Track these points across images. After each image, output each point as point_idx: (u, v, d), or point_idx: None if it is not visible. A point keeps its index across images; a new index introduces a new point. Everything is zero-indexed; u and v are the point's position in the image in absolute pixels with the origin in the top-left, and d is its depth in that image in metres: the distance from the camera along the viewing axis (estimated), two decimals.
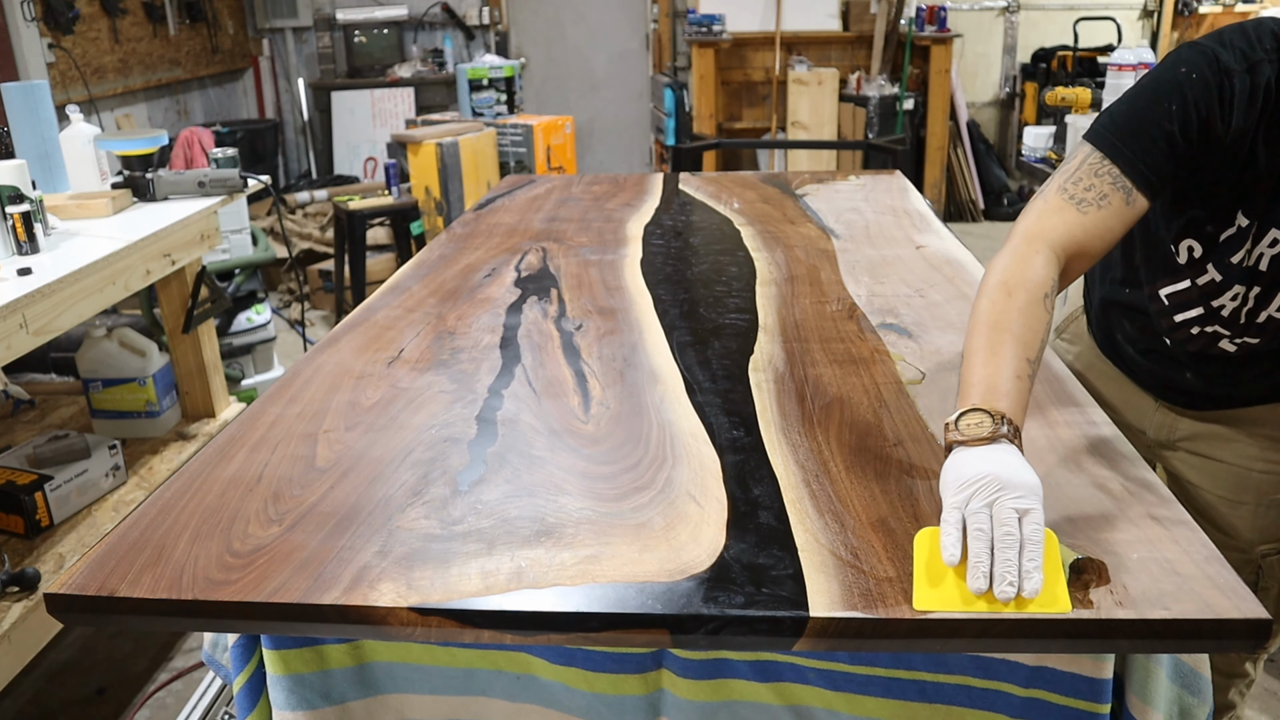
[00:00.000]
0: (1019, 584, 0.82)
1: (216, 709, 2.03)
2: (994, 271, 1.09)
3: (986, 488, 0.86)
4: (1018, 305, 1.04)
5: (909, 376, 1.32)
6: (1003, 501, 0.85)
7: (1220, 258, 1.20)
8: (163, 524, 0.99)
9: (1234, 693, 1.51)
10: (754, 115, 6.45)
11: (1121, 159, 1.11)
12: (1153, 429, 1.46)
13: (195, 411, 2.74)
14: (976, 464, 0.88)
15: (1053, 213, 1.12)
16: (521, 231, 2.16)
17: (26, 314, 1.73)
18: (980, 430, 0.92)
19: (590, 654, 1.06)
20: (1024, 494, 0.85)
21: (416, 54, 6.81)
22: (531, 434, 1.17)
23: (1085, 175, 1.12)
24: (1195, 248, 1.22)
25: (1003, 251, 1.12)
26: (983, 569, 0.83)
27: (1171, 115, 1.09)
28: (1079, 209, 1.11)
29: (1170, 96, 1.09)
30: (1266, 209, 1.13)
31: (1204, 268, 1.22)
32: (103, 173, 2.46)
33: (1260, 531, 1.37)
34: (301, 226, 5.21)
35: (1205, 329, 1.28)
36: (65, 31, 4.61)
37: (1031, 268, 1.07)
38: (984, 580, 0.83)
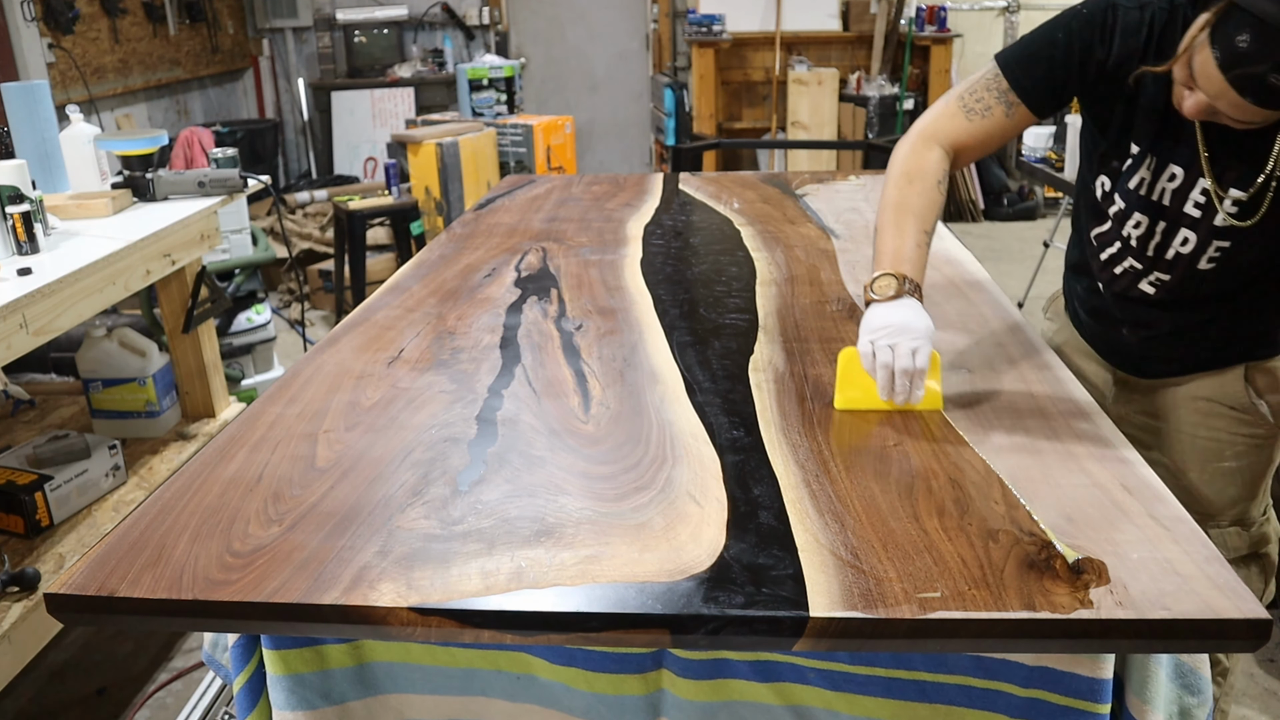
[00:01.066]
0: (910, 396, 1.20)
1: (216, 709, 2.03)
2: (896, 164, 1.36)
3: (892, 332, 1.19)
4: (916, 190, 1.32)
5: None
6: (902, 343, 1.18)
7: (1122, 185, 1.37)
8: (163, 524, 0.99)
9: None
10: (754, 115, 6.45)
11: (1010, 76, 1.33)
12: (1112, 398, 1.57)
13: (195, 411, 2.74)
14: (886, 315, 1.21)
15: (947, 118, 1.37)
16: (521, 231, 2.16)
17: (26, 314, 1.73)
18: (888, 290, 1.24)
19: (590, 654, 1.06)
20: (918, 336, 1.19)
21: (416, 54, 6.81)
22: (531, 434, 1.17)
23: (979, 89, 1.36)
24: (1105, 182, 1.40)
25: (903, 145, 1.38)
26: (887, 387, 1.20)
27: (1057, 42, 1.30)
28: (967, 117, 1.36)
29: (1061, 27, 1.31)
30: (1155, 140, 1.31)
31: (1113, 198, 1.40)
32: (103, 173, 2.46)
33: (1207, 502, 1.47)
34: (301, 226, 5.22)
35: (1124, 264, 1.43)
36: (65, 31, 4.61)
37: (926, 161, 1.35)
38: (888, 394, 1.20)
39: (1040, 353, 1.40)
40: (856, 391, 1.23)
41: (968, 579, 0.87)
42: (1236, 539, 1.49)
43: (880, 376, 1.20)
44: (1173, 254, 1.35)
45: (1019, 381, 1.30)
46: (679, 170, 4.21)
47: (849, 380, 1.23)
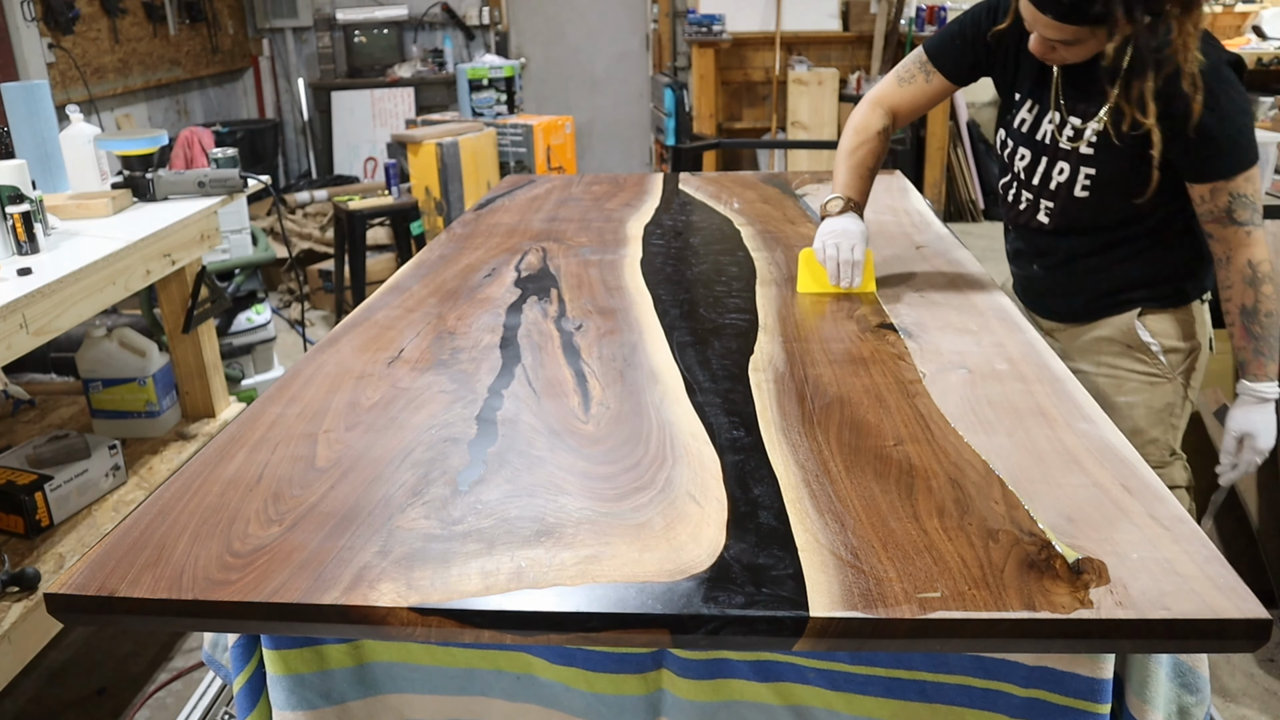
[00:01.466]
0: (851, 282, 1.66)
1: (216, 709, 2.03)
2: (850, 121, 1.81)
3: (837, 235, 1.67)
4: (859, 140, 1.77)
5: (909, 377, 1.32)
6: (844, 243, 1.66)
7: (1013, 130, 1.70)
8: (163, 524, 0.99)
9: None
10: (754, 115, 6.45)
11: (929, 53, 1.75)
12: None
13: (195, 411, 2.74)
14: (833, 224, 1.69)
15: (887, 86, 1.79)
16: (521, 231, 2.16)
17: (26, 314, 1.73)
18: (836, 207, 1.71)
19: (590, 654, 1.06)
20: (855, 238, 1.66)
21: (416, 54, 6.81)
22: (531, 434, 1.17)
23: (910, 64, 1.77)
24: (1003, 134, 1.73)
25: (859, 109, 1.80)
26: (834, 274, 1.66)
27: (963, 21, 1.70)
28: (899, 85, 1.78)
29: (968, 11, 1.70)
30: (1032, 87, 1.64)
31: (1007, 144, 1.72)
32: (103, 173, 2.46)
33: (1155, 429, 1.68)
34: (301, 226, 5.22)
35: (1023, 199, 1.71)
36: (65, 31, 4.61)
37: (869, 118, 1.78)
38: (835, 280, 1.67)
39: (1040, 353, 1.40)
40: (811, 281, 1.70)
41: (968, 579, 0.87)
42: None
43: (829, 267, 1.66)
44: (1054, 184, 1.63)
45: (1019, 381, 1.30)
46: (679, 170, 4.21)
47: (807, 272, 1.70)
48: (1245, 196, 1.49)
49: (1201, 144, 1.46)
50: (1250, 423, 1.59)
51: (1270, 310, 1.53)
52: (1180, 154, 1.49)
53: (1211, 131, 1.45)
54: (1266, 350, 1.55)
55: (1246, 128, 1.49)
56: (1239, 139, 1.47)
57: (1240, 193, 1.49)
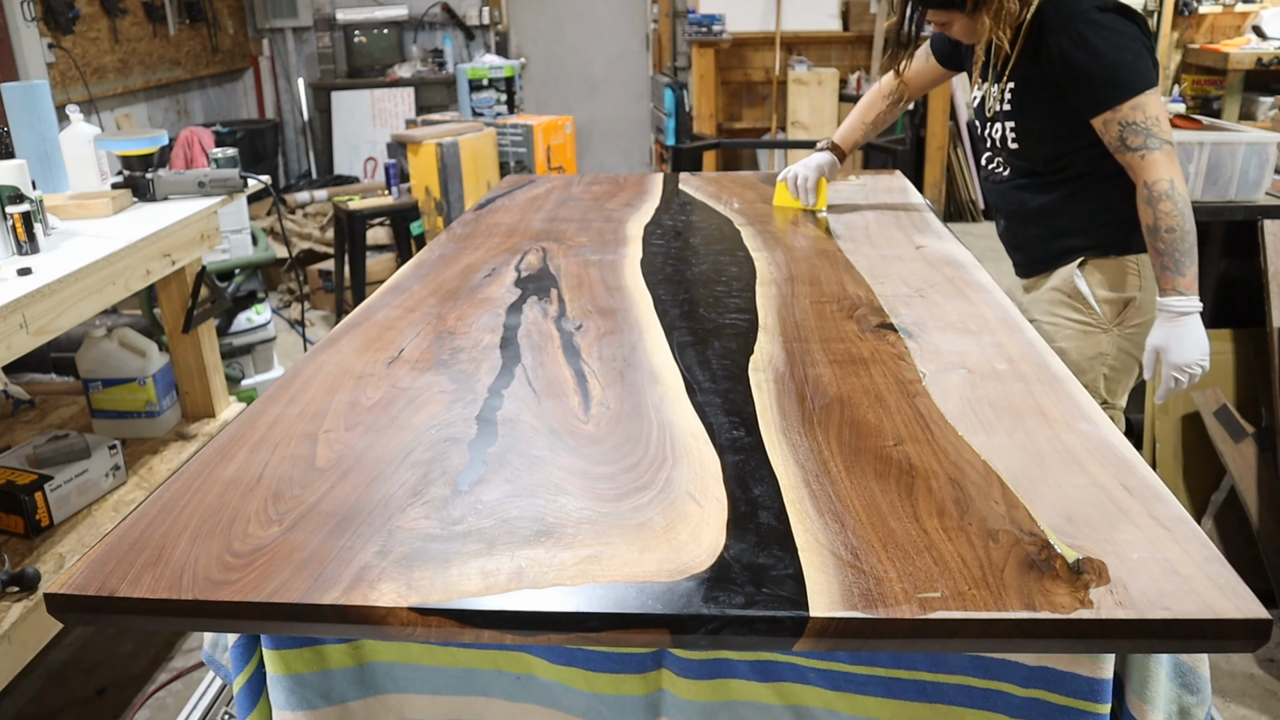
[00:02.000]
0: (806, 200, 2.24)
1: (216, 709, 2.03)
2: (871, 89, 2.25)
3: (801, 166, 2.27)
4: (869, 101, 2.26)
5: (909, 377, 1.32)
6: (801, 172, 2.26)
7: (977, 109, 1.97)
8: (163, 524, 0.99)
9: None
10: (754, 115, 6.45)
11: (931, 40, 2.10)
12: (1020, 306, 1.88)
13: (195, 411, 2.74)
14: (805, 160, 2.28)
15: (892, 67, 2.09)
16: (521, 231, 2.16)
17: (26, 314, 1.73)
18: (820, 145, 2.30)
19: (590, 654, 1.06)
20: (810, 169, 2.25)
21: (416, 54, 6.81)
22: (531, 434, 1.17)
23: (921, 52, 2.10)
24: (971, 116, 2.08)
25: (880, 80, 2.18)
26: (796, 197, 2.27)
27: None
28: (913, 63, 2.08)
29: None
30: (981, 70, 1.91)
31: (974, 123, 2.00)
32: (103, 173, 2.46)
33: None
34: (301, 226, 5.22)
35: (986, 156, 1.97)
36: (65, 31, 4.61)
37: (880, 87, 2.20)
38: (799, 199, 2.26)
39: (1040, 353, 1.40)
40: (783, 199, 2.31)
41: (968, 579, 0.87)
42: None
43: (790, 187, 2.28)
44: (999, 138, 1.89)
45: (1019, 381, 1.30)
46: (679, 170, 4.21)
47: (781, 193, 2.31)
48: (1135, 124, 1.64)
49: (1080, 81, 1.67)
50: (1160, 337, 1.70)
51: (1171, 226, 1.64)
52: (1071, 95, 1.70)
53: (1085, 68, 1.65)
54: (1171, 265, 1.66)
55: (1124, 61, 1.64)
56: (1116, 71, 1.64)
57: (1129, 120, 1.65)
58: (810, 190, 2.22)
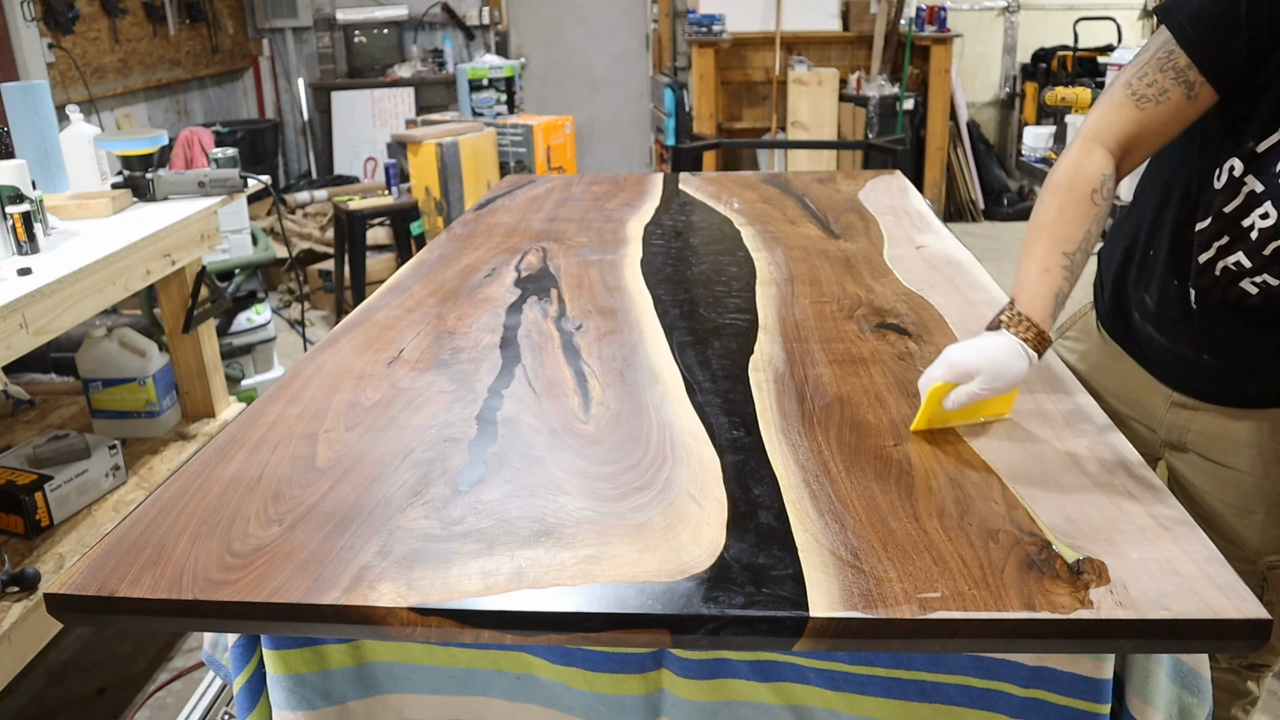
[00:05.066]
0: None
1: (216, 709, 2.03)
2: (1051, 175, 1.18)
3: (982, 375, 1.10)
4: (1059, 205, 1.15)
5: (909, 377, 1.32)
6: (992, 387, 1.11)
7: (1262, 168, 1.12)
8: (163, 524, 0.99)
9: (1236, 709, 1.48)
10: (754, 115, 6.45)
11: (1189, 47, 1.09)
12: (1164, 429, 1.38)
13: (195, 411, 2.74)
14: (983, 351, 1.11)
15: (1114, 110, 1.16)
16: (521, 231, 2.16)
17: (26, 314, 1.73)
18: (1026, 334, 1.12)
19: (590, 654, 1.06)
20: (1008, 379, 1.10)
21: (416, 54, 6.80)
22: (531, 434, 1.17)
23: (1151, 70, 1.13)
24: (1236, 166, 1.15)
25: (1067, 150, 1.19)
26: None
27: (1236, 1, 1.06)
28: (1138, 105, 1.14)
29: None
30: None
31: (1242, 183, 1.14)
32: (103, 173, 2.46)
33: (1268, 542, 1.32)
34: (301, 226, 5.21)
35: (1226, 261, 1.19)
36: (65, 31, 4.61)
37: (1084, 167, 1.15)
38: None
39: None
40: (931, 416, 1.15)
41: (968, 579, 0.87)
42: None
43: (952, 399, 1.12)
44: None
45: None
46: (679, 170, 4.21)
47: (930, 409, 1.14)
48: None
49: None
50: None
51: None
52: None
53: None
54: None
55: None
56: None
57: None
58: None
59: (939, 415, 1.15)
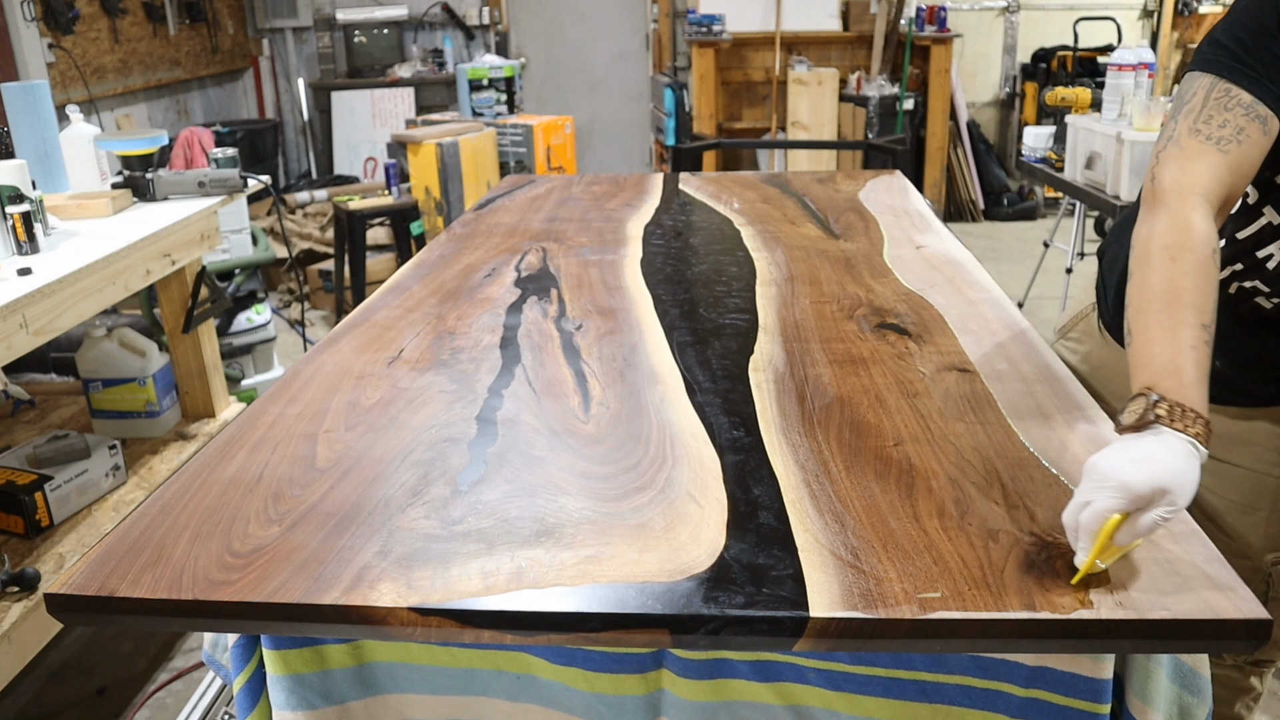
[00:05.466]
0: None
1: (216, 709, 2.03)
2: (1154, 237, 1.01)
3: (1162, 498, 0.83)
4: (1185, 269, 0.97)
5: (909, 377, 1.32)
6: (1152, 513, 0.82)
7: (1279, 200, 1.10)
8: (163, 524, 0.99)
9: (1240, 706, 1.48)
10: (754, 115, 6.45)
11: (1246, 81, 1.04)
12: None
13: (195, 411, 2.74)
14: (1171, 468, 0.83)
15: (1194, 159, 1.04)
16: (521, 231, 2.16)
17: (26, 314, 1.73)
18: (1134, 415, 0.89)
19: (590, 654, 1.06)
20: (1174, 502, 0.82)
21: (416, 54, 6.81)
22: (531, 434, 1.17)
23: (1215, 111, 1.05)
24: (1250, 193, 1.12)
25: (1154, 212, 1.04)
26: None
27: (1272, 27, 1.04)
28: (1220, 149, 1.03)
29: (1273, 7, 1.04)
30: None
31: (1259, 212, 1.12)
32: (103, 173, 2.46)
33: (1272, 539, 1.31)
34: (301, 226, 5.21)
35: (1244, 284, 1.17)
36: (65, 31, 4.61)
37: (1192, 226, 1.00)
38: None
39: (1041, 353, 1.40)
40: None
41: (968, 579, 0.87)
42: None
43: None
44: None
45: (1019, 382, 1.30)
46: (679, 170, 4.21)
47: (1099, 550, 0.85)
48: None
49: None
50: None
51: None
52: None
53: None
54: None
55: None
56: None
57: None
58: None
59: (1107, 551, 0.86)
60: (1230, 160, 1.03)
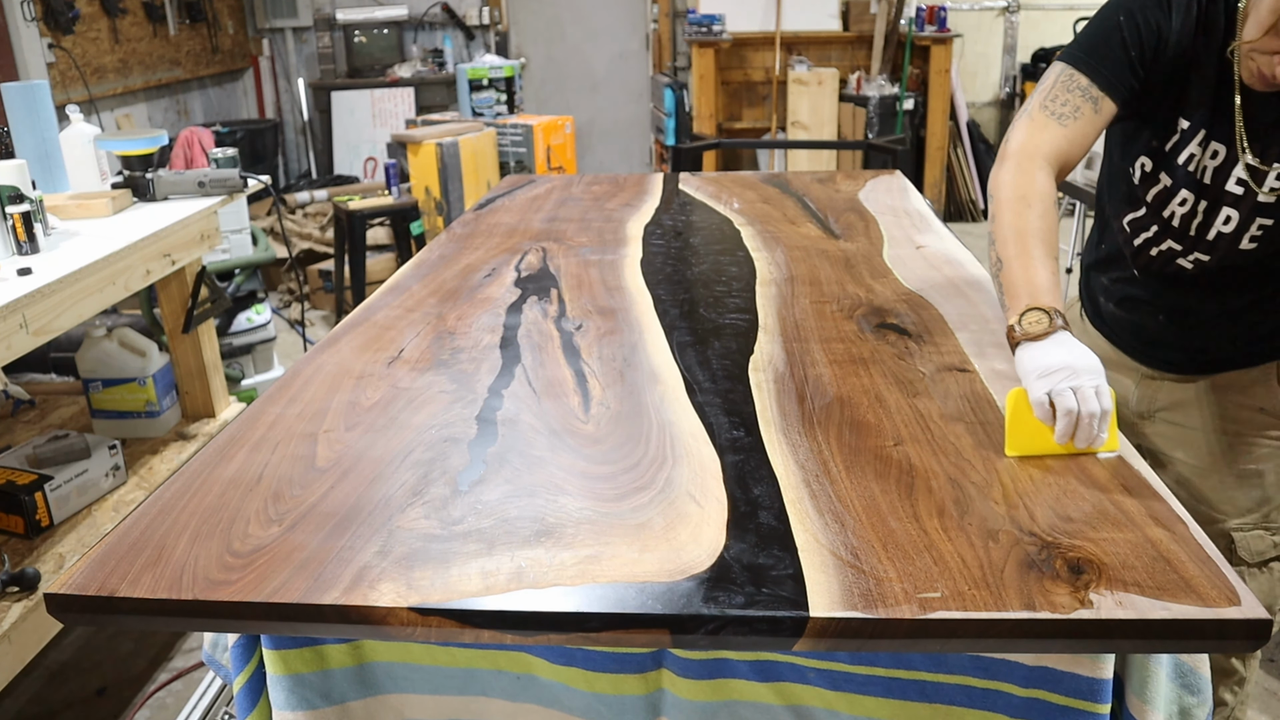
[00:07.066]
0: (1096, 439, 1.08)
1: (216, 709, 2.03)
2: (1006, 186, 1.28)
3: (1065, 374, 1.09)
4: (1036, 213, 1.24)
5: (909, 377, 1.32)
6: (1084, 385, 1.08)
7: (1169, 164, 1.34)
8: (163, 524, 0.99)
9: (1224, 690, 1.51)
10: (754, 115, 6.45)
11: (1086, 69, 1.29)
12: (1135, 400, 1.53)
13: (195, 411, 2.74)
14: (1048, 355, 1.11)
15: (1040, 129, 1.30)
16: (521, 231, 2.16)
17: (26, 314, 1.73)
18: (1040, 326, 1.14)
19: (590, 654, 1.06)
20: (1095, 375, 1.09)
21: (416, 54, 6.81)
22: (531, 434, 1.17)
23: (1060, 92, 1.31)
24: (1147, 163, 1.37)
25: (1005, 168, 1.30)
26: (1068, 432, 1.08)
27: (1122, 25, 1.28)
28: (1060, 123, 1.30)
29: (1120, 10, 1.29)
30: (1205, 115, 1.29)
31: (1156, 179, 1.37)
32: (103, 173, 2.46)
33: (1229, 504, 1.44)
34: (301, 226, 5.21)
35: (1161, 246, 1.40)
36: (65, 31, 4.61)
37: (1037, 180, 1.26)
38: (1068, 439, 1.08)
39: None
40: (1027, 440, 1.10)
41: (968, 579, 0.87)
42: (1260, 542, 1.45)
43: (1062, 424, 1.08)
44: (1214, 234, 1.33)
45: (1019, 382, 1.30)
46: (679, 170, 4.21)
47: (1019, 425, 1.10)
48: None
49: None
50: None
51: None
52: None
53: None
54: None
55: None
56: None
57: None
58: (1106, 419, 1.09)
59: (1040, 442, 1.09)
60: (1067, 133, 1.29)
